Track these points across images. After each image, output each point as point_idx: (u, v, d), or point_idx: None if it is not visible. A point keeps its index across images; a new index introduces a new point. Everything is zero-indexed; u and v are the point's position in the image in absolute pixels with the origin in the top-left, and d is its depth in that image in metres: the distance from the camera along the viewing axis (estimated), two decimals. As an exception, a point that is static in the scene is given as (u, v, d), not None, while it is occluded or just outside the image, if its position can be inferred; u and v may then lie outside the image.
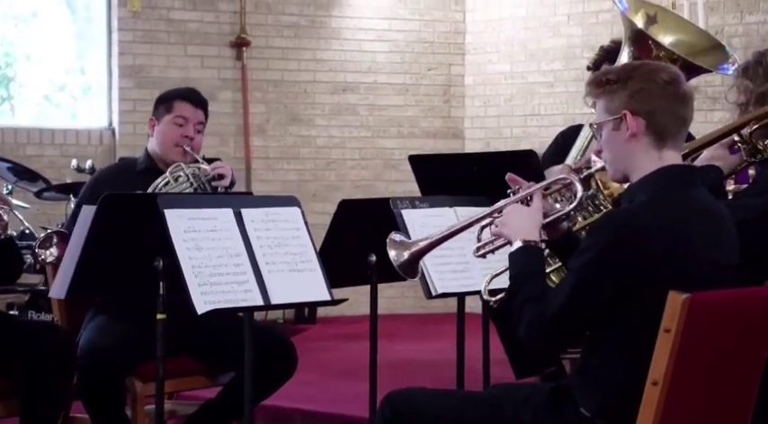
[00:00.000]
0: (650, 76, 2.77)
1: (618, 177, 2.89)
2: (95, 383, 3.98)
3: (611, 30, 8.20)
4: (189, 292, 3.08)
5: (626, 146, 2.79)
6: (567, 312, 2.67)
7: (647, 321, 2.61)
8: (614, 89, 2.79)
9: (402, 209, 3.75)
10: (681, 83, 2.79)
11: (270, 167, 8.55)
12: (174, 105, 4.42)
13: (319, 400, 5.32)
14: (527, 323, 2.72)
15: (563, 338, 2.75)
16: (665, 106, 2.75)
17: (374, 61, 8.80)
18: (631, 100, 2.76)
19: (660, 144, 2.76)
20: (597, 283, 2.65)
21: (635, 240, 2.63)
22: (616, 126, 2.79)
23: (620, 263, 2.63)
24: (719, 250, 2.74)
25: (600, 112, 2.85)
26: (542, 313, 2.69)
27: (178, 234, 3.12)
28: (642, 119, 2.76)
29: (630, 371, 2.63)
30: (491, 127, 8.88)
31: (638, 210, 2.72)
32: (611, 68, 2.89)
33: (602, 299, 2.66)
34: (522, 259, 2.83)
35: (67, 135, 8.07)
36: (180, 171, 4.25)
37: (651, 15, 4.23)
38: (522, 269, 2.81)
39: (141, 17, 8.16)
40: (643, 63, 2.88)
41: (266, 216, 3.35)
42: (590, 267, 2.66)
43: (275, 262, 3.30)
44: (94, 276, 3.42)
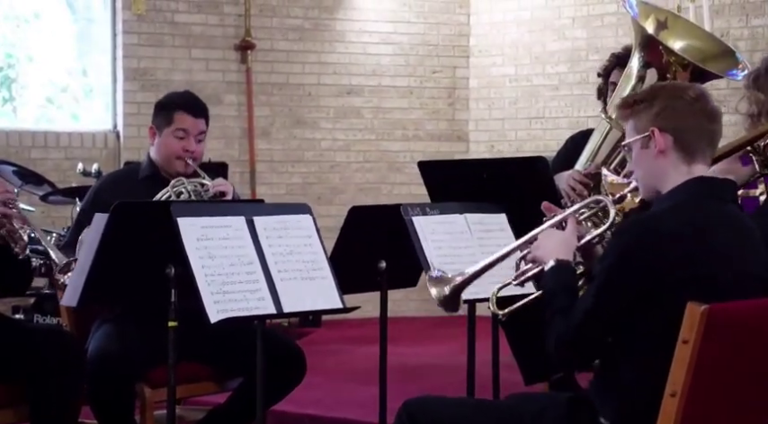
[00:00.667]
0: (676, 94, 2.81)
1: (650, 195, 2.90)
2: (104, 388, 3.97)
3: (617, 33, 8.22)
4: (202, 300, 3.08)
5: (655, 163, 2.81)
6: (590, 318, 2.68)
7: (667, 328, 2.60)
8: (642, 108, 2.83)
9: (413, 216, 3.74)
10: (708, 100, 2.82)
11: (274, 170, 8.55)
12: (174, 117, 4.36)
13: (327, 404, 5.32)
14: (555, 337, 2.74)
15: (588, 346, 2.75)
16: (693, 122, 2.78)
17: (379, 64, 8.80)
18: (658, 117, 2.79)
19: (689, 159, 2.79)
20: (618, 285, 2.66)
21: (657, 243, 2.65)
22: (645, 144, 2.81)
23: (641, 267, 2.64)
24: (745, 260, 2.74)
25: (629, 133, 2.88)
26: (568, 323, 2.71)
27: (191, 242, 3.11)
28: (670, 135, 2.78)
29: (650, 379, 2.62)
30: (495, 129, 8.88)
31: (661, 214, 2.74)
32: (637, 92, 2.92)
33: (622, 303, 2.66)
34: (554, 276, 2.86)
35: (72, 137, 8.07)
36: (182, 186, 4.23)
37: (662, 21, 4.23)
38: (554, 285, 2.84)
39: (146, 20, 8.16)
40: (669, 82, 2.92)
41: (278, 224, 3.35)
42: (612, 270, 2.68)
43: (287, 270, 3.30)
44: (106, 284, 3.41)
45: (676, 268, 2.63)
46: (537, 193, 3.92)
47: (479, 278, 3.25)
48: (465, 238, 3.81)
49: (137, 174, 4.44)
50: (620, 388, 2.71)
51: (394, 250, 3.99)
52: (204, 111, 4.46)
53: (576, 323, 2.69)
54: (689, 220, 2.70)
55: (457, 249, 3.77)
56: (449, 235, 3.78)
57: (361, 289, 4.08)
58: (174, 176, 4.32)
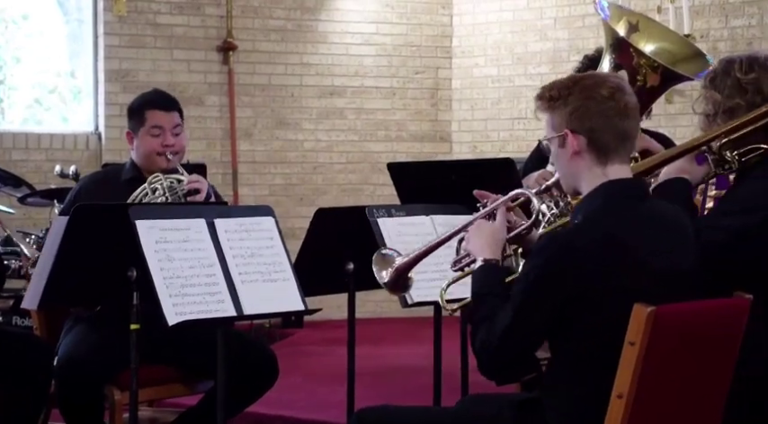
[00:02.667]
0: (589, 93, 2.77)
1: (570, 191, 2.92)
2: (74, 391, 3.97)
3: (598, 34, 8.20)
4: (160, 303, 3.07)
5: (571, 163, 2.81)
6: (510, 336, 2.68)
7: (598, 335, 2.63)
8: (557, 105, 2.80)
9: (378, 218, 3.74)
10: (622, 96, 2.79)
11: (257, 171, 8.55)
12: (145, 116, 4.35)
13: (302, 406, 5.31)
14: (478, 350, 2.75)
15: (510, 360, 2.76)
16: (605, 123, 2.76)
17: (361, 65, 8.80)
18: (571, 118, 2.77)
19: (603, 160, 2.78)
20: (537, 306, 2.67)
21: (572, 261, 2.64)
22: (561, 143, 2.81)
23: (559, 285, 2.64)
24: (670, 258, 2.73)
25: (547, 128, 2.87)
26: (489, 339, 2.71)
27: (149, 244, 3.11)
28: (583, 136, 2.77)
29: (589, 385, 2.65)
30: (478, 130, 8.88)
31: (574, 230, 2.74)
32: (555, 83, 2.88)
33: (545, 320, 2.67)
34: (480, 278, 2.86)
35: (54, 139, 8.06)
36: (158, 182, 4.22)
37: (633, 23, 4.22)
38: (479, 288, 2.84)
39: (127, 21, 8.15)
40: (585, 76, 2.87)
41: (240, 227, 3.34)
42: (530, 291, 2.68)
43: (249, 273, 3.30)
44: (67, 286, 3.41)
45: (595, 281, 2.63)
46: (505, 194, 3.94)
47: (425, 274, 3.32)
48: (431, 239, 3.80)
49: (119, 176, 4.42)
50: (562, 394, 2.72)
51: (361, 251, 3.99)
52: (174, 104, 4.44)
53: (495, 339, 2.70)
54: (604, 231, 2.69)
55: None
56: (415, 237, 3.78)
57: (329, 291, 4.08)
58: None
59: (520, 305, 2.68)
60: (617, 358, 2.60)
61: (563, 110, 2.77)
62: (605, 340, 2.62)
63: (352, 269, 4.03)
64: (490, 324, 2.72)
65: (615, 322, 2.58)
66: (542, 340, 2.74)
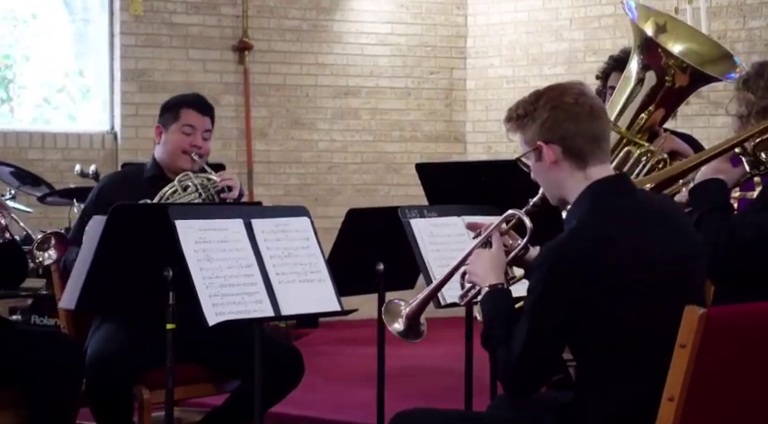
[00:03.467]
0: (554, 103, 2.81)
1: (556, 202, 2.93)
2: (104, 390, 3.97)
3: (614, 35, 8.23)
4: (200, 303, 3.07)
5: (551, 174, 2.83)
6: (529, 351, 2.69)
7: (616, 335, 2.65)
8: (526, 122, 2.84)
9: (410, 219, 3.74)
10: (586, 100, 2.81)
11: (272, 171, 8.55)
12: (180, 113, 4.39)
13: (325, 406, 5.32)
14: (501, 372, 2.76)
15: (535, 375, 2.76)
16: (575, 128, 2.78)
17: (376, 65, 8.81)
18: (542, 130, 2.80)
19: (582, 164, 2.79)
20: (549, 317, 2.68)
21: (573, 265, 2.65)
22: (537, 156, 2.84)
23: (565, 292, 2.65)
24: (670, 246, 2.74)
25: (521, 145, 2.90)
26: (509, 356, 2.72)
27: (189, 244, 3.11)
28: (557, 145, 2.79)
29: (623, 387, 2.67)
30: (493, 131, 8.88)
31: (569, 236, 2.74)
32: (519, 102, 2.92)
33: (559, 329, 2.68)
34: (488, 304, 2.87)
35: (70, 139, 8.06)
36: (188, 180, 4.24)
37: (661, 24, 4.21)
38: (491, 314, 2.85)
39: (143, 21, 8.15)
40: (546, 89, 2.91)
41: (276, 227, 3.35)
42: (539, 304, 2.69)
43: (285, 273, 3.30)
44: (104, 286, 3.41)
45: (598, 282, 2.64)
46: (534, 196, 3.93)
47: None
48: (462, 241, 3.80)
49: (141, 174, 4.44)
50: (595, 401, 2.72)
51: (391, 252, 3.99)
52: (210, 110, 4.51)
53: (516, 357, 2.71)
54: (598, 231, 2.71)
55: (454, 251, 3.74)
56: (447, 238, 3.78)
57: (359, 291, 4.08)
58: (179, 174, 4.33)
59: (532, 320, 2.69)
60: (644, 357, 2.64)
61: (532, 125, 2.82)
62: (624, 338, 2.65)
63: (382, 270, 4.04)
64: (507, 346, 2.73)
65: (630, 320, 2.62)
66: (561, 349, 2.75)
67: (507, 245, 3.04)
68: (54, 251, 3.73)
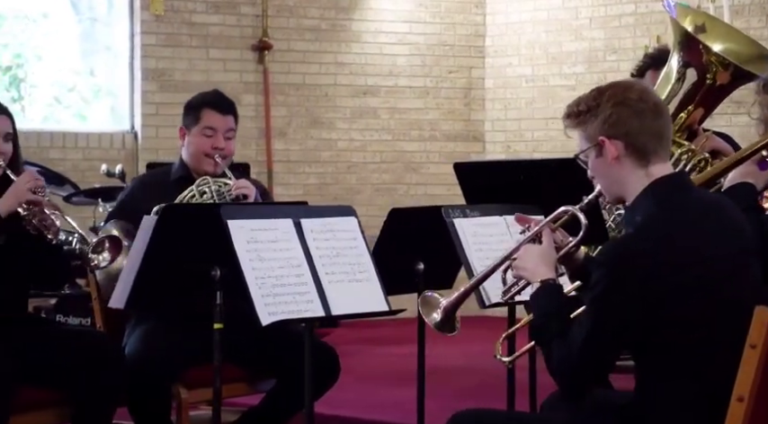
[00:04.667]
0: (619, 99, 2.79)
1: (614, 200, 2.92)
2: (142, 389, 3.98)
3: (634, 34, 8.23)
4: (253, 303, 3.07)
5: (612, 171, 2.81)
6: (589, 348, 2.67)
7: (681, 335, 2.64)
8: (587, 118, 2.82)
9: (454, 218, 3.72)
10: (650, 97, 2.82)
11: (291, 170, 8.55)
12: (201, 115, 4.35)
13: (357, 406, 5.31)
14: (556, 364, 2.73)
15: (594, 373, 2.74)
16: (640, 124, 2.77)
17: (395, 64, 8.81)
18: (605, 126, 2.78)
19: (644, 162, 2.78)
20: (612, 315, 2.66)
21: (638, 264, 2.64)
22: (598, 153, 2.82)
23: (627, 293, 2.63)
24: (728, 241, 2.74)
25: (581, 142, 2.88)
26: (568, 352, 2.70)
27: (241, 244, 3.10)
28: (620, 141, 2.78)
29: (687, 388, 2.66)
30: (512, 130, 8.88)
31: (635, 235, 2.74)
32: (580, 98, 2.90)
33: (622, 328, 2.66)
34: (540, 299, 2.84)
35: (90, 138, 8.07)
36: (206, 185, 4.23)
37: (699, 24, 4.21)
38: (543, 309, 2.83)
39: (164, 21, 8.16)
40: (609, 85, 2.90)
41: (324, 227, 3.33)
42: (602, 300, 2.67)
43: (335, 273, 3.29)
44: (153, 286, 3.41)
45: (664, 281, 2.63)
46: (576, 195, 3.92)
47: None
48: (506, 240, 3.78)
49: (168, 176, 4.43)
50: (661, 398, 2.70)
51: (431, 251, 3.99)
52: (232, 108, 4.45)
53: (574, 354, 2.69)
54: (664, 229, 2.70)
55: (497, 251, 3.73)
56: (490, 238, 3.77)
57: (399, 291, 4.06)
58: (203, 176, 4.32)
59: (594, 316, 2.67)
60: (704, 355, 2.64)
61: (595, 121, 2.80)
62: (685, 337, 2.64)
63: (421, 270, 4.03)
64: (564, 341, 2.71)
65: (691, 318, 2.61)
66: (621, 348, 2.72)
67: (557, 242, 3.02)
68: (108, 254, 3.73)
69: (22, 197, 3.75)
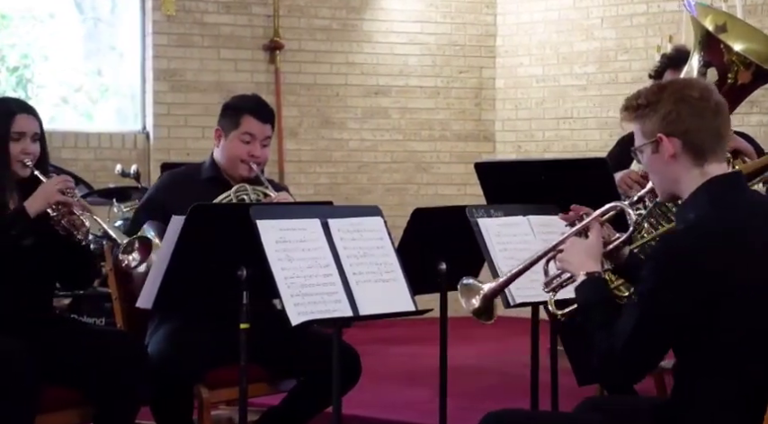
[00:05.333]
0: (680, 96, 2.78)
1: (667, 197, 2.91)
2: (165, 390, 3.97)
3: (646, 33, 8.22)
4: (283, 303, 3.07)
5: (667, 168, 2.80)
6: (636, 341, 2.66)
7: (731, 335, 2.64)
8: (646, 113, 2.81)
9: (478, 218, 3.72)
10: (712, 95, 2.80)
11: (302, 170, 8.55)
12: (241, 121, 4.34)
13: (375, 406, 5.31)
14: (600, 357, 2.72)
15: (639, 367, 2.73)
16: (699, 123, 2.76)
17: (406, 64, 8.81)
18: (664, 122, 2.77)
19: (700, 160, 2.77)
20: (661, 312, 2.65)
21: (687, 262, 2.64)
22: (654, 149, 2.80)
23: (682, 291, 2.63)
24: None
25: (637, 136, 2.86)
26: (613, 344, 2.69)
27: (270, 244, 3.11)
28: (678, 139, 2.76)
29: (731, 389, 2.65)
30: (522, 130, 8.88)
31: (688, 232, 2.73)
32: (640, 91, 2.88)
33: (670, 325, 2.66)
34: (586, 291, 2.84)
35: (102, 138, 8.08)
36: (245, 193, 4.22)
37: (720, 24, 4.20)
38: (588, 300, 2.82)
39: (175, 21, 8.16)
40: (671, 81, 2.89)
41: (351, 227, 3.34)
42: (652, 295, 2.66)
43: (362, 273, 3.29)
44: (180, 286, 3.41)
45: (717, 280, 2.63)
46: (597, 195, 3.92)
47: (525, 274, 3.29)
48: (529, 240, 3.79)
49: (198, 175, 4.41)
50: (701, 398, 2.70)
51: (454, 251, 3.99)
52: (271, 116, 4.44)
53: (620, 347, 2.68)
54: (719, 228, 2.69)
55: (521, 251, 3.74)
56: (513, 238, 3.77)
57: (421, 291, 4.06)
58: (236, 179, 4.32)
59: (643, 310, 2.66)
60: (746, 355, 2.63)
61: (654, 116, 2.78)
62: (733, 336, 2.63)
63: (444, 269, 4.03)
64: (610, 331, 2.70)
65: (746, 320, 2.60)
66: (669, 344, 2.71)
67: (604, 237, 3.01)
68: (138, 255, 3.73)
69: (52, 198, 3.76)
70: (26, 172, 3.85)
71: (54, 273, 3.95)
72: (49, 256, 3.84)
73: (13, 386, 3.48)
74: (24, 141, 3.87)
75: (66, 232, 3.75)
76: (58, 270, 3.92)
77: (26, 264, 3.81)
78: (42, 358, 3.63)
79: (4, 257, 3.73)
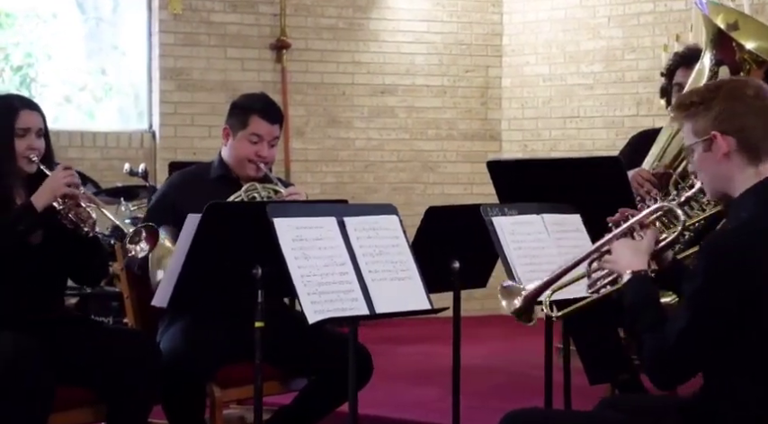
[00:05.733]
0: (735, 94, 2.76)
1: (717, 197, 2.89)
2: (177, 388, 3.97)
3: (653, 32, 8.21)
4: (300, 301, 3.06)
5: (720, 167, 2.78)
6: (686, 341, 2.65)
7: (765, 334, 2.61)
8: (699, 111, 2.78)
9: (492, 217, 3.72)
10: (766, 95, 2.78)
11: (309, 170, 8.55)
12: (249, 121, 4.33)
13: (387, 405, 5.30)
14: (650, 358, 2.71)
15: (690, 365, 2.71)
16: (754, 121, 2.74)
17: (412, 63, 8.80)
18: (717, 120, 2.75)
19: (755, 160, 2.75)
20: (711, 307, 2.63)
21: (736, 261, 2.62)
22: (707, 147, 2.78)
23: (731, 287, 2.61)
24: None
25: (688, 135, 2.84)
26: (662, 345, 2.67)
27: (287, 242, 3.10)
28: (732, 137, 2.74)
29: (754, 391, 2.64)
30: (529, 129, 8.87)
31: (743, 229, 2.71)
32: (693, 91, 2.87)
33: (717, 322, 2.64)
34: (634, 289, 2.82)
35: (108, 138, 8.07)
36: (255, 191, 4.22)
37: (731, 23, 4.19)
38: (636, 299, 2.80)
39: (182, 20, 8.15)
40: (725, 80, 2.87)
41: (367, 225, 3.33)
42: (703, 292, 2.64)
43: (378, 271, 3.28)
44: (196, 284, 3.40)
45: (757, 280, 2.61)
46: (612, 194, 3.91)
47: None
48: (542, 239, 3.79)
49: (207, 174, 4.42)
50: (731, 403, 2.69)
51: (467, 250, 3.98)
52: (279, 116, 4.44)
53: (671, 345, 2.66)
54: (762, 229, 2.67)
55: (535, 249, 3.75)
56: (527, 236, 3.76)
57: (435, 290, 4.05)
58: (244, 178, 4.32)
59: (693, 309, 2.64)
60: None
61: (708, 114, 2.76)
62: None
63: (457, 268, 4.02)
64: (658, 331, 2.69)
65: None
66: (719, 342, 2.67)
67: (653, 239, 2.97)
68: (145, 244, 3.72)
69: (58, 190, 3.74)
70: (32, 167, 3.84)
71: (64, 270, 3.93)
72: (57, 253, 3.82)
73: (27, 385, 3.47)
74: (29, 137, 3.85)
75: (74, 225, 3.74)
76: (68, 267, 3.91)
77: (35, 262, 3.80)
78: (55, 357, 3.63)
79: (13, 254, 3.72)
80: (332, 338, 4.24)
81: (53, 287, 3.94)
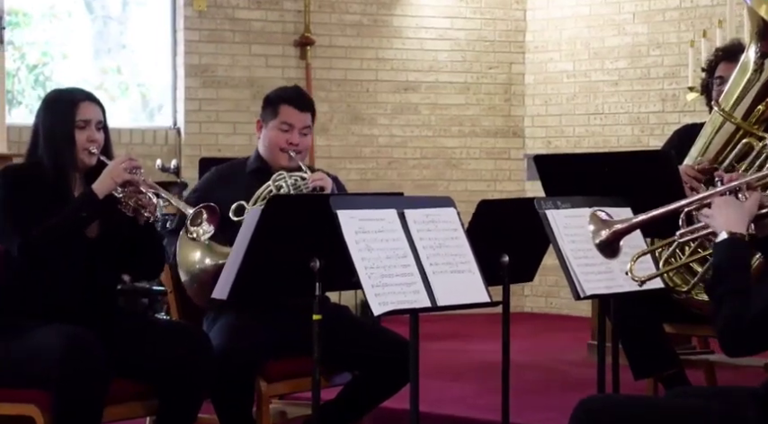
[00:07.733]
0: None
1: None
2: (227, 383, 3.95)
3: (679, 28, 8.19)
4: (365, 294, 3.05)
5: None
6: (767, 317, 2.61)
7: None
8: None
9: (546, 210, 3.70)
10: None
11: (332, 166, 8.45)
12: (279, 110, 4.35)
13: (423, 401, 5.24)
14: (724, 319, 2.66)
15: (761, 342, 2.67)
16: None
17: (436, 60, 8.79)
18: None
19: None
20: None
21: None
22: None
23: None
24: None
25: None
26: (741, 313, 2.63)
27: (351, 235, 3.08)
28: None
29: None
30: (552, 125, 8.86)
31: None
32: None
33: None
34: (726, 250, 2.76)
35: (133, 134, 8.07)
36: (282, 180, 4.23)
37: (775, 13, 4.17)
38: (726, 260, 2.74)
39: (206, 16, 8.15)
40: None
41: (427, 217, 3.31)
42: None
43: (438, 263, 3.26)
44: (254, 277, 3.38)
45: None
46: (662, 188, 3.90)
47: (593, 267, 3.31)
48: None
49: (243, 168, 4.43)
50: None
51: (517, 244, 3.96)
52: (310, 105, 4.45)
53: (751, 316, 2.62)
54: None
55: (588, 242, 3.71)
56: (580, 229, 3.73)
57: (485, 283, 4.04)
58: (277, 169, 4.32)
59: None
60: None
61: None
62: None
63: (506, 262, 4.00)
64: (743, 298, 2.63)
65: None
66: None
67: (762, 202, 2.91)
68: (208, 225, 3.70)
69: (119, 177, 3.73)
70: (93, 160, 3.83)
71: (121, 264, 3.92)
72: (113, 247, 3.81)
73: (88, 371, 3.46)
74: (90, 129, 3.84)
75: (135, 212, 3.73)
76: (124, 261, 3.89)
77: (92, 256, 3.79)
78: (110, 351, 3.61)
79: (72, 247, 3.70)
80: (375, 332, 4.23)
81: (109, 281, 3.92)
